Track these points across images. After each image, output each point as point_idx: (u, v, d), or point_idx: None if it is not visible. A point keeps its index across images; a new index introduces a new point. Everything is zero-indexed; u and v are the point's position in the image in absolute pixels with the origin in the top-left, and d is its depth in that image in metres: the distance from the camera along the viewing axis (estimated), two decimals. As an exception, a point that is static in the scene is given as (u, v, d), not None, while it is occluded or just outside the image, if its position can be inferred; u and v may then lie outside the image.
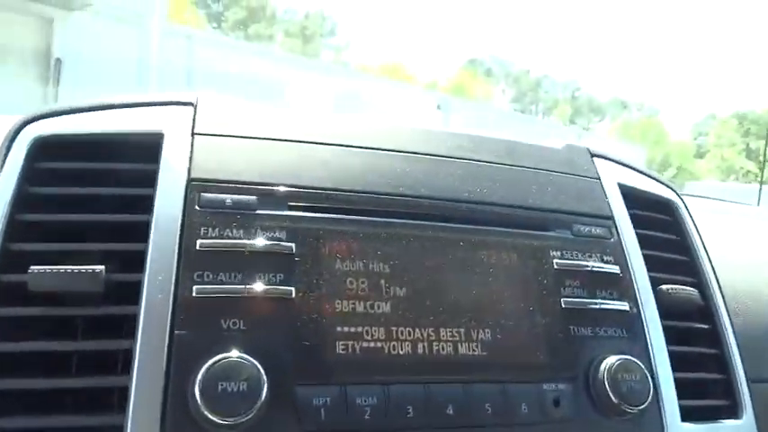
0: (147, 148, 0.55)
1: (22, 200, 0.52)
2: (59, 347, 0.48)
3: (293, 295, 0.51)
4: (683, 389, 0.62)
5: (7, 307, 0.48)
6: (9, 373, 0.46)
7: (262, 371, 0.46)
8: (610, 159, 0.74)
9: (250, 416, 0.45)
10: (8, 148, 0.54)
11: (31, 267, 0.48)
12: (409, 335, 0.53)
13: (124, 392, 0.46)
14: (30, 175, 0.54)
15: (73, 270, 0.49)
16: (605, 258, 0.63)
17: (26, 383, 0.46)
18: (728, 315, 0.71)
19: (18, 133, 0.55)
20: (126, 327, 0.49)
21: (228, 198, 0.53)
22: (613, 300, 0.61)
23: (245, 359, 0.46)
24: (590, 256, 0.63)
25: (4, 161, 0.54)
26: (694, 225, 0.76)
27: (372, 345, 0.52)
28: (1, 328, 0.47)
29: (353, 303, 0.53)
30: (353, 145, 0.61)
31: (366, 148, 0.61)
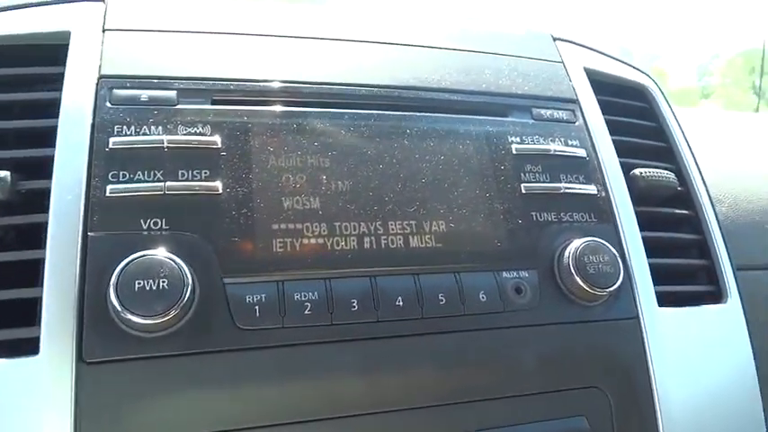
0: (52, 49, 0.51)
1: None
2: None
3: (220, 191, 0.47)
4: (662, 275, 0.58)
5: None
6: None
7: (185, 267, 0.42)
8: (575, 43, 0.68)
9: (172, 315, 0.41)
10: None
11: None
12: (354, 229, 0.49)
13: (40, 304, 0.43)
14: None
15: None
16: (569, 142, 0.58)
17: None
18: (711, 201, 0.66)
19: None
20: (40, 237, 0.45)
21: (144, 93, 0.49)
22: (578, 184, 0.56)
23: (165, 256, 0.42)
24: (552, 140, 0.58)
25: None
26: (672, 112, 0.71)
27: (313, 241, 0.48)
28: None
29: (290, 199, 0.48)
30: (284, 34, 0.56)
31: (298, 37, 0.56)
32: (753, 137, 0.99)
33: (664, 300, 0.57)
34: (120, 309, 0.40)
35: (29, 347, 0.42)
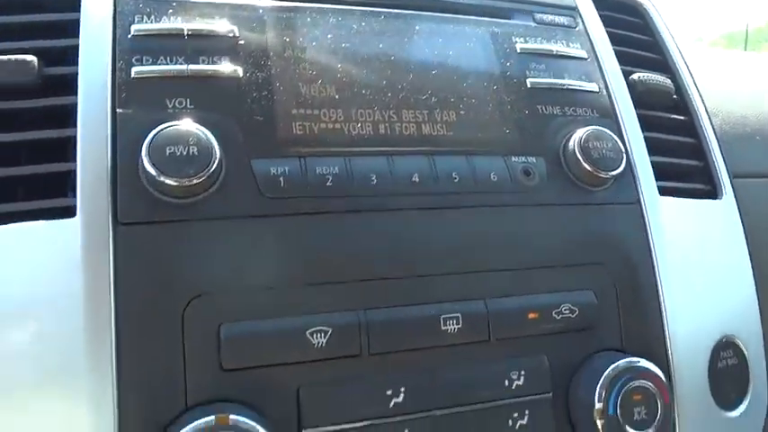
0: None
1: None
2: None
3: (241, 75, 0.48)
4: (661, 173, 0.60)
5: None
6: None
7: (212, 138, 0.44)
8: (573, -41, 0.70)
9: (202, 179, 0.43)
10: None
11: None
12: (369, 116, 0.51)
13: (74, 177, 0.44)
14: None
15: (2, 60, 0.46)
16: (571, 44, 0.61)
17: None
18: (706, 109, 0.69)
19: None
20: (70, 118, 0.47)
21: None
22: (582, 81, 0.59)
23: (193, 126, 0.44)
24: (555, 42, 0.60)
25: None
26: (666, 27, 0.73)
27: (330, 125, 0.50)
28: None
29: (307, 86, 0.50)
30: None
31: None
32: (744, 63, 1.02)
33: (663, 193, 0.59)
34: (153, 173, 0.42)
35: (66, 215, 0.43)
